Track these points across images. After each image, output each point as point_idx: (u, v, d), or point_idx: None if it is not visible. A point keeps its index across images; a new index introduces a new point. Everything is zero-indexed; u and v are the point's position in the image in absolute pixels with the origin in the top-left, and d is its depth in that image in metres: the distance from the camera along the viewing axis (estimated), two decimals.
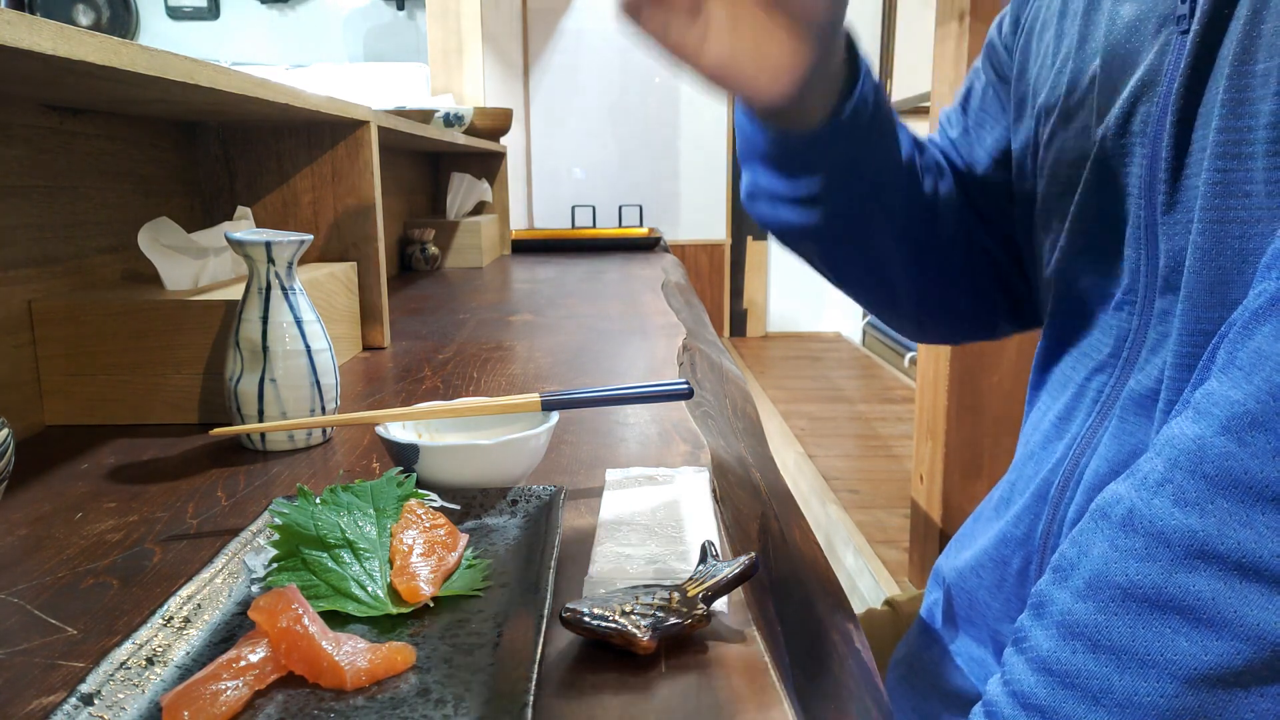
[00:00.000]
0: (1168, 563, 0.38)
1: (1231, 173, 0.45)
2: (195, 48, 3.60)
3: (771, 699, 0.37)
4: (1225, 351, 0.40)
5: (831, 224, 0.62)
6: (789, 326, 4.88)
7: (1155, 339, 0.51)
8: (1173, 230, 0.49)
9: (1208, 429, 0.39)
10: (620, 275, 1.89)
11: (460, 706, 0.36)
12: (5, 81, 0.63)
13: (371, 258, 1.07)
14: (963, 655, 0.63)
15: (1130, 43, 0.52)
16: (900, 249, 0.65)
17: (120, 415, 0.77)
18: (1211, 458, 0.38)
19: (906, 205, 0.64)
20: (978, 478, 1.81)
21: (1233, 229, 0.45)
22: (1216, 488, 0.38)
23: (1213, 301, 0.46)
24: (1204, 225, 0.46)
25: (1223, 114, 0.45)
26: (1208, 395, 0.40)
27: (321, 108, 0.91)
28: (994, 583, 0.59)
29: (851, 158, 0.59)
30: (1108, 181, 0.54)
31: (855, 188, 0.60)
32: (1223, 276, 0.45)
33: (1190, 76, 0.47)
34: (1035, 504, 0.57)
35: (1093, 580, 0.41)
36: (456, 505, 0.54)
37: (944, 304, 0.71)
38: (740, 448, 0.75)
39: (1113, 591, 0.40)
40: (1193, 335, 0.47)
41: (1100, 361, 0.55)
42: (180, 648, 0.39)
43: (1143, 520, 0.40)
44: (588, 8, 4.44)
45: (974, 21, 1.67)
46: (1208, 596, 0.37)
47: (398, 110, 1.58)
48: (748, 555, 0.42)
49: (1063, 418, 0.57)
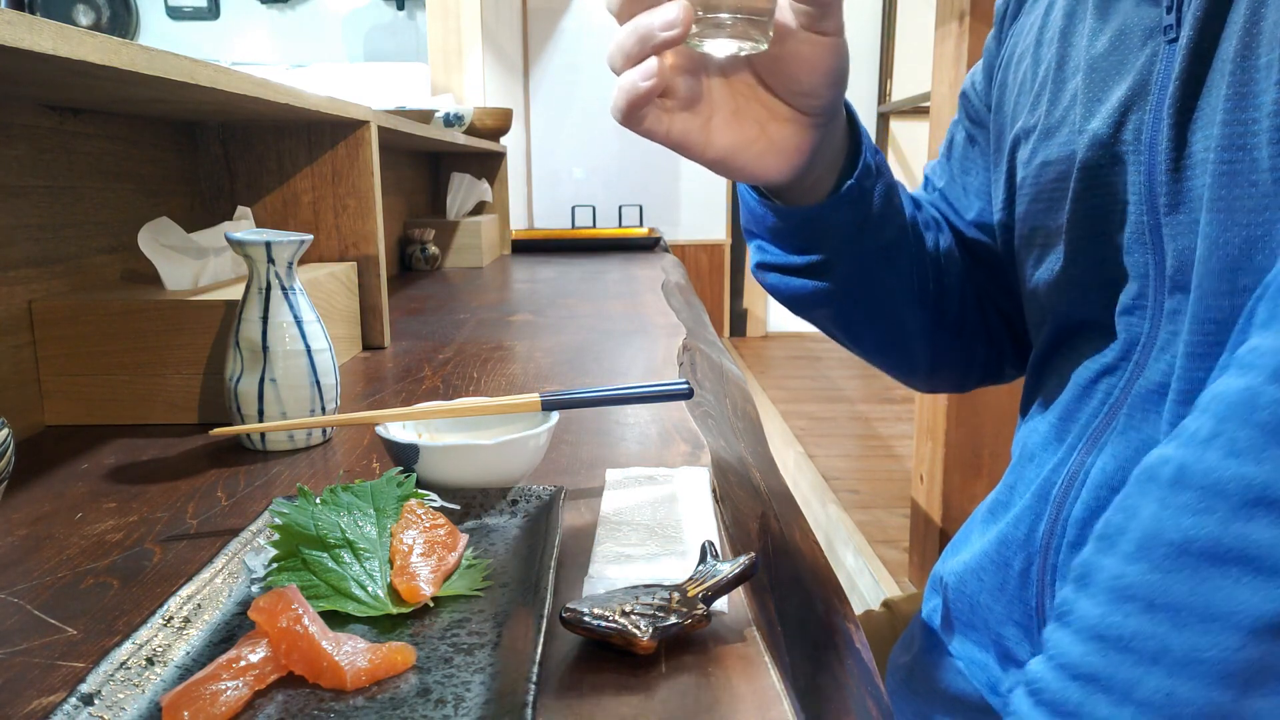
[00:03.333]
0: (1225, 513, 0.37)
1: (1237, 164, 0.45)
2: (195, 48, 3.60)
3: (771, 699, 0.37)
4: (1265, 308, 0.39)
5: (845, 289, 0.63)
6: (789, 326, 4.88)
7: (1166, 338, 0.51)
8: (1177, 230, 0.49)
9: (1256, 379, 0.38)
10: (620, 275, 1.89)
11: (460, 706, 0.36)
12: (5, 81, 0.63)
13: (371, 258, 1.07)
14: (964, 659, 0.63)
15: (1114, 56, 0.53)
16: (912, 307, 0.66)
17: (120, 415, 0.77)
18: (1264, 405, 0.37)
19: (914, 263, 0.65)
20: (978, 478, 1.81)
21: (1240, 217, 0.45)
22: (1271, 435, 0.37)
23: (1222, 289, 0.46)
24: (1212, 215, 0.46)
25: (1227, 108, 0.45)
26: (1252, 350, 0.39)
27: (321, 108, 0.91)
28: (995, 585, 0.59)
29: (859, 225, 0.59)
30: (1099, 191, 0.54)
31: (865, 253, 0.61)
32: (1232, 264, 0.46)
33: (1185, 81, 0.48)
34: (1036, 504, 0.56)
35: (1144, 541, 0.40)
36: (456, 505, 0.54)
37: (957, 354, 0.72)
38: (740, 448, 0.75)
39: (1166, 549, 0.39)
40: (1203, 325, 0.47)
41: (1108, 364, 0.55)
42: (180, 648, 0.39)
43: (1194, 475, 0.39)
44: (588, 8, 4.44)
45: (974, 21, 1.67)
46: (1268, 543, 0.36)
47: (398, 110, 1.57)
48: (748, 555, 0.42)
49: (1064, 419, 0.57)
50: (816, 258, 0.61)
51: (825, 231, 0.59)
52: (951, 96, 1.75)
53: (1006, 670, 0.59)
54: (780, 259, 0.63)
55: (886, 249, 0.62)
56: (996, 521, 0.61)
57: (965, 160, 0.71)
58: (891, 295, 0.65)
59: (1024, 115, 0.61)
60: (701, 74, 0.50)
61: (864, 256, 0.61)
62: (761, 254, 0.65)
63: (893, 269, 0.63)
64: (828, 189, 0.58)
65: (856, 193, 0.58)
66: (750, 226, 0.64)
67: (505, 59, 3.77)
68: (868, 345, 0.71)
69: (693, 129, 0.50)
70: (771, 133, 0.51)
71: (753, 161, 0.52)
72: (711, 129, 0.50)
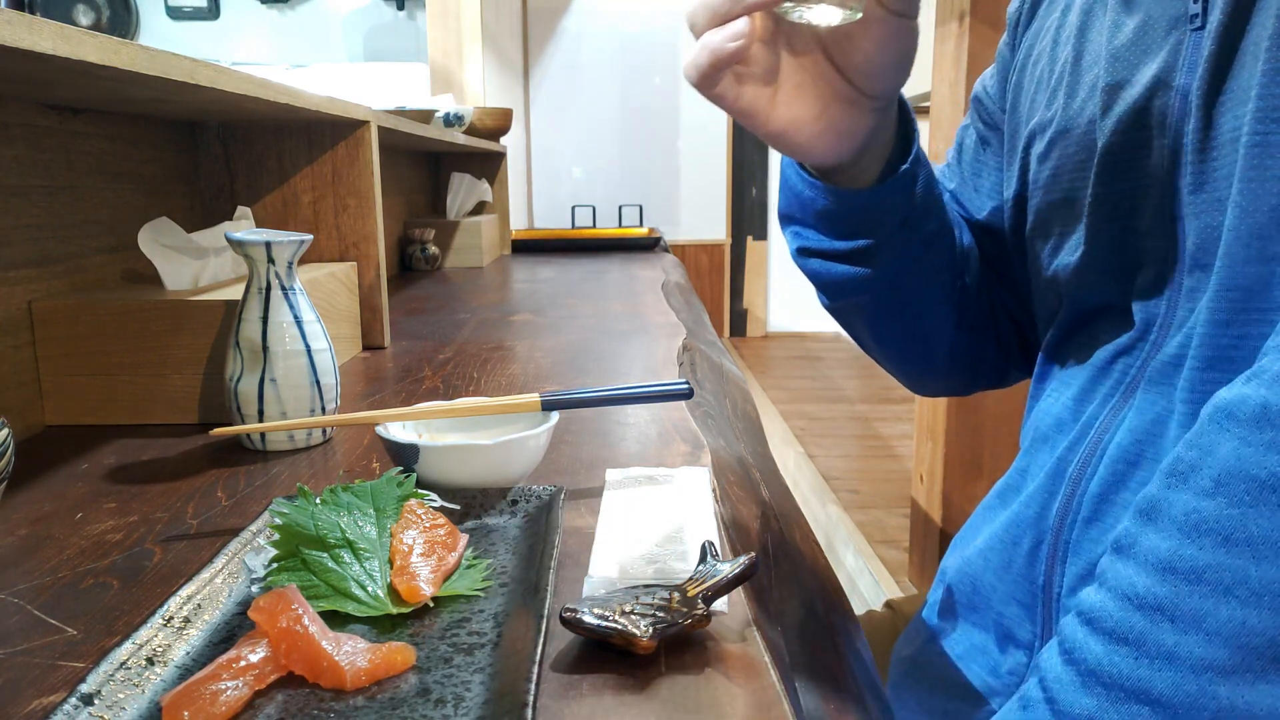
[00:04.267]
0: None
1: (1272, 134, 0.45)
2: (195, 48, 3.60)
3: (771, 699, 0.37)
4: None
5: (886, 277, 0.63)
6: (789, 326, 4.88)
7: (1183, 315, 0.51)
8: (1200, 209, 0.50)
9: None
10: (620, 275, 1.89)
11: (460, 706, 0.36)
12: (5, 81, 0.63)
13: (371, 258, 1.07)
14: (964, 644, 0.63)
15: (1138, 45, 0.54)
16: (942, 303, 0.67)
17: (120, 415, 0.77)
18: None
19: (949, 258, 0.66)
20: (978, 478, 1.81)
21: (1271, 185, 0.45)
22: None
23: (1250, 256, 0.46)
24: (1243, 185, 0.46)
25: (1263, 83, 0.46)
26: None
27: (321, 108, 0.91)
28: (1001, 564, 0.59)
29: (907, 213, 0.60)
30: (1120, 177, 0.55)
31: (910, 242, 0.62)
32: (1260, 232, 0.46)
33: (1214, 64, 0.48)
34: (1050, 483, 0.57)
35: (1222, 477, 0.39)
36: (456, 505, 0.54)
37: (970, 355, 0.72)
38: (740, 448, 0.75)
39: (1249, 484, 0.38)
40: (1229, 293, 0.47)
41: (1124, 345, 0.56)
42: (180, 648, 0.39)
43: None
44: (588, 8, 4.44)
45: (974, 21, 1.67)
46: None
47: (398, 110, 1.57)
48: (748, 555, 0.42)
49: (1079, 400, 0.58)
50: (862, 243, 0.61)
51: (876, 217, 0.60)
52: (952, 96, 1.75)
53: (1005, 652, 0.59)
54: (824, 244, 0.63)
55: (928, 240, 0.63)
56: (1006, 506, 0.61)
57: (977, 162, 0.72)
58: (926, 288, 0.65)
59: (1040, 111, 0.62)
60: (775, 45, 0.50)
61: (908, 245, 0.62)
62: (801, 240, 0.64)
63: (932, 261, 0.64)
64: (872, 177, 0.58)
65: (909, 180, 0.58)
66: (791, 211, 0.64)
67: (505, 59, 3.77)
68: (889, 342, 0.71)
69: (760, 99, 0.50)
70: (832, 113, 0.51)
71: (811, 140, 0.52)
72: (777, 102, 0.50)
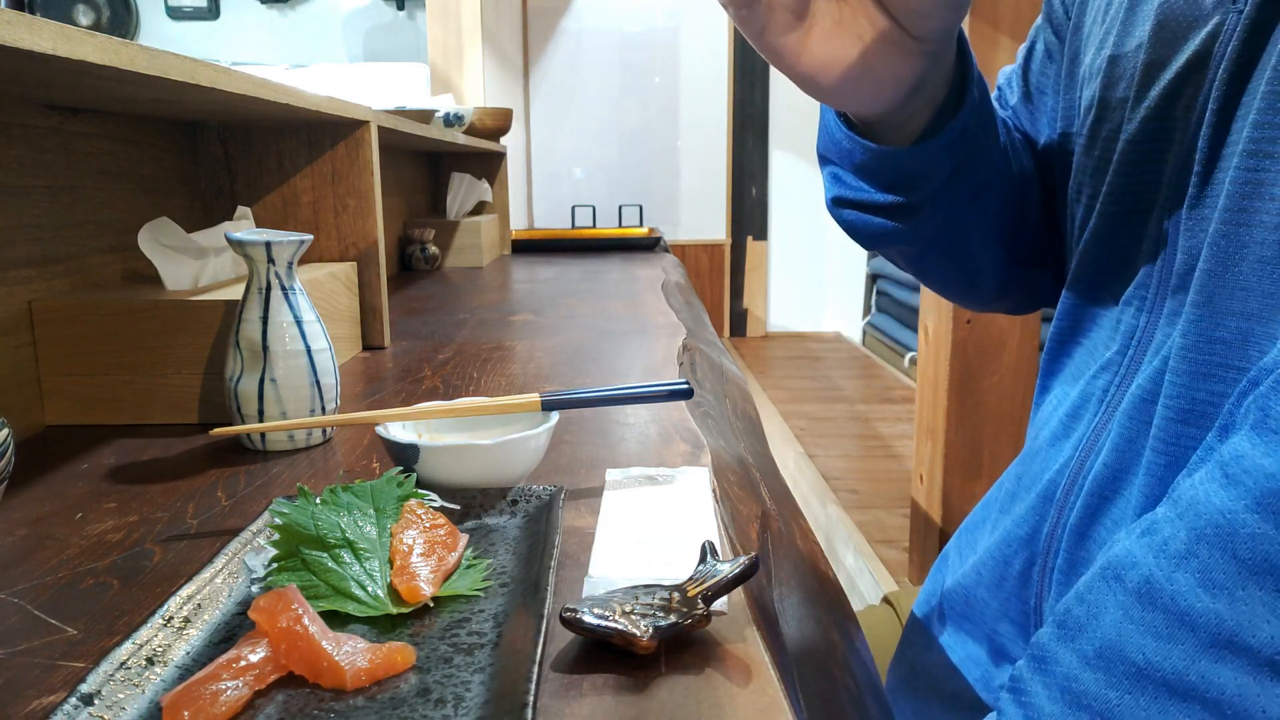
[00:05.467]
0: (1191, 648, 0.35)
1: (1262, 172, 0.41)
2: (195, 48, 3.60)
3: (771, 699, 0.37)
4: (1257, 407, 0.36)
5: (928, 229, 0.58)
6: (789, 326, 4.88)
7: (1161, 340, 0.48)
8: (1195, 227, 0.46)
9: (1238, 502, 0.35)
10: (620, 275, 1.89)
11: (460, 706, 0.36)
12: (5, 81, 0.63)
13: (371, 258, 1.07)
14: (958, 653, 0.63)
15: (1186, 15, 0.48)
16: (990, 245, 0.62)
17: (120, 415, 0.77)
18: (1243, 538, 0.34)
19: (1000, 203, 0.60)
20: (978, 478, 1.81)
21: (1256, 233, 0.41)
22: (1248, 572, 0.34)
23: (1232, 309, 0.43)
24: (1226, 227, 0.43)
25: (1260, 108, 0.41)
26: (1237, 459, 0.36)
27: (321, 108, 0.91)
28: (994, 580, 0.59)
29: (955, 169, 0.55)
30: (1140, 165, 0.50)
31: (956, 196, 0.57)
32: (1242, 283, 0.42)
33: (1237, 63, 0.44)
34: (1041, 505, 0.55)
35: (1104, 650, 0.38)
36: (456, 505, 0.54)
37: (1024, 284, 0.68)
38: (740, 448, 0.75)
39: (1127, 667, 0.37)
40: (1210, 343, 0.44)
41: (1107, 359, 0.53)
42: (180, 648, 0.39)
43: (1163, 595, 0.36)
44: (588, 8, 4.44)
45: (974, 21, 1.66)
46: (1233, 691, 0.34)
47: (398, 110, 1.57)
48: (748, 555, 0.42)
49: (1071, 415, 0.56)
50: (903, 199, 0.55)
51: (919, 175, 0.54)
52: None
53: (999, 666, 0.58)
54: (861, 195, 0.57)
55: (977, 191, 0.57)
56: (1005, 515, 0.60)
57: (1041, 76, 0.64)
58: (973, 234, 0.60)
59: (1092, 50, 0.55)
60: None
61: (954, 199, 0.57)
62: (839, 186, 0.58)
63: (979, 210, 0.59)
64: (922, 124, 0.52)
65: (957, 134, 0.52)
66: (829, 154, 0.58)
67: (505, 59, 3.77)
68: (933, 277, 0.67)
69: (791, 36, 0.45)
70: (872, 58, 0.45)
71: (845, 86, 0.46)
72: (810, 39, 0.45)
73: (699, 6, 4.45)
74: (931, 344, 1.84)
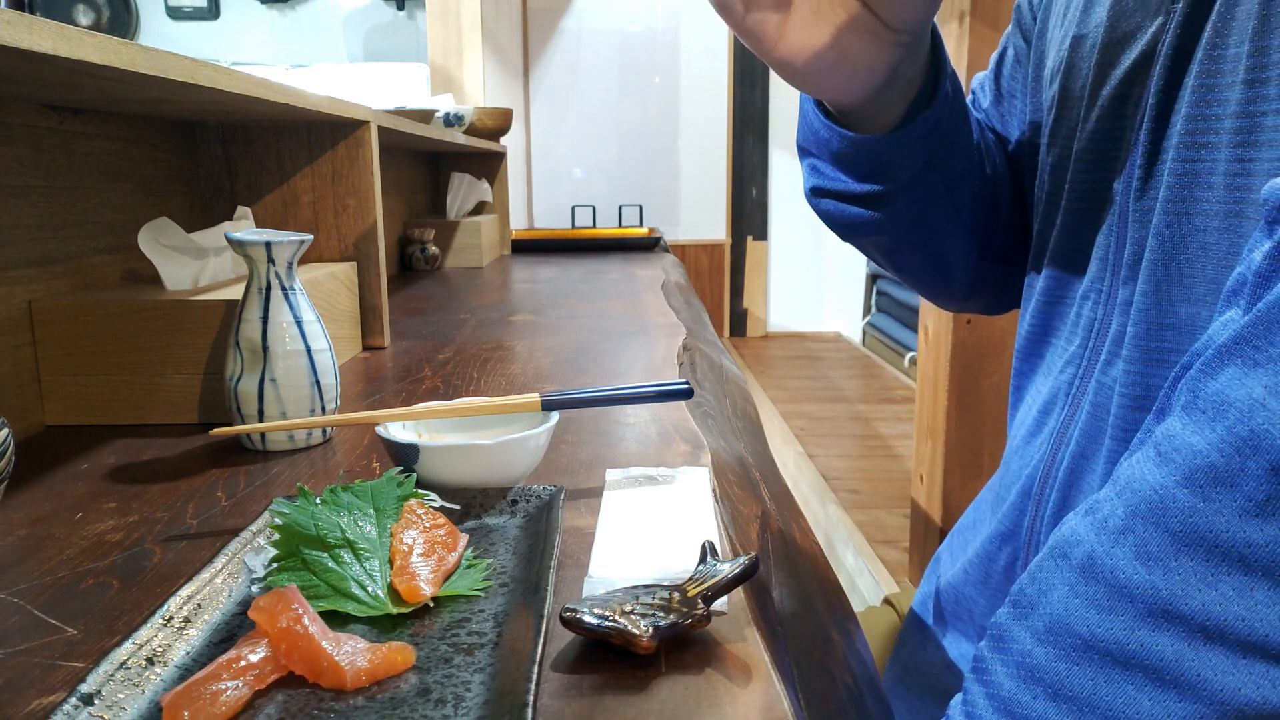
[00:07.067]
0: (1130, 618, 0.37)
1: (1198, 163, 0.43)
2: (195, 48, 3.60)
3: (771, 699, 0.37)
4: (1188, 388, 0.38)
5: (903, 220, 0.60)
6: (789, 326, 4.88)
7: (1117, 330, 0.49)
8: (1142, 218, 0.48)
9: (1169, 478, 0.37)
10: (620, 275, 1.89)
11: (460, 706, 0.36)
12: (5, 81, 0.63)
13: (371, 258, 1.07)
14: (953, 651, 0.63)
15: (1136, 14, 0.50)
16: (962, 239, 0.64)
17: (120, 415, 0.77)
18: (1175, 513, 0.36)
19: (973, 196, 0.62)
20: (978, 478, 1.81)
21: (1196, 221, 0.43)
22: (1180, 544, 0.36)
23: (1179, 296, 0.44)
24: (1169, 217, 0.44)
25: (1192, 100, 0.43)
26: (1169, 438, 0.37)
27: (322, 108, 0.91)
28: (980, 578, 0.59)
29: (929, 159, 0.57)
30: (1096, 162, 0.52)
31: (930, 186, 0.59)
32: (1187, 270, 0.44)
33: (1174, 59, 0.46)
34: (1021, 500, 0.56)
35: (1053, 625, 0.39)
36: (456, 505, 0.54)
37: (995, 281, 0.69)
38: (740, 448, 0.75)
39: (1074, 640, 0.38)
40: (1160, 329, 0.45)
41: (1071, 354, 0.54)
42: (180, 648, 0.39)
43: (1103, 570, 0.38)
44: (588, 8, 4.44)
45: (974, 21, 1.67)
46: (1170, 657, 0.36)
47: (398, 110, 1.57)
48: (748, 555, 0.42)
49: (1043, 411, 0.57)
50: (879, 188, 0.58)
51: (893, 164, 0.56)
52: None
53: None
54: (838, 185, 0.59)
55: (951, 183, 0.59)
56: (993, 514, 0.61)
57: (1012, 80, 0.67)
58: (946, 226, 0.62)
59: (1053, 52, 0.57)
60: None
61: (928, 190, 0.59)
62: (817, 177, 0.61)
63: (953, 202, 0.61)
64: (897, 116, 0.54)
65: (931, 125, 0.54)
66: (808, 145, 0.60)
67: (505, 59, 3.77)
68: (906, 271, 0.68)
69: (769, 22, 0.46)
70: (848, 46, 0.47)
71: (822, 74, 0.48)
72: (787, 26, 0.47)
73: (699, 6, 4.44)
74: (931, 344, 1.84)
